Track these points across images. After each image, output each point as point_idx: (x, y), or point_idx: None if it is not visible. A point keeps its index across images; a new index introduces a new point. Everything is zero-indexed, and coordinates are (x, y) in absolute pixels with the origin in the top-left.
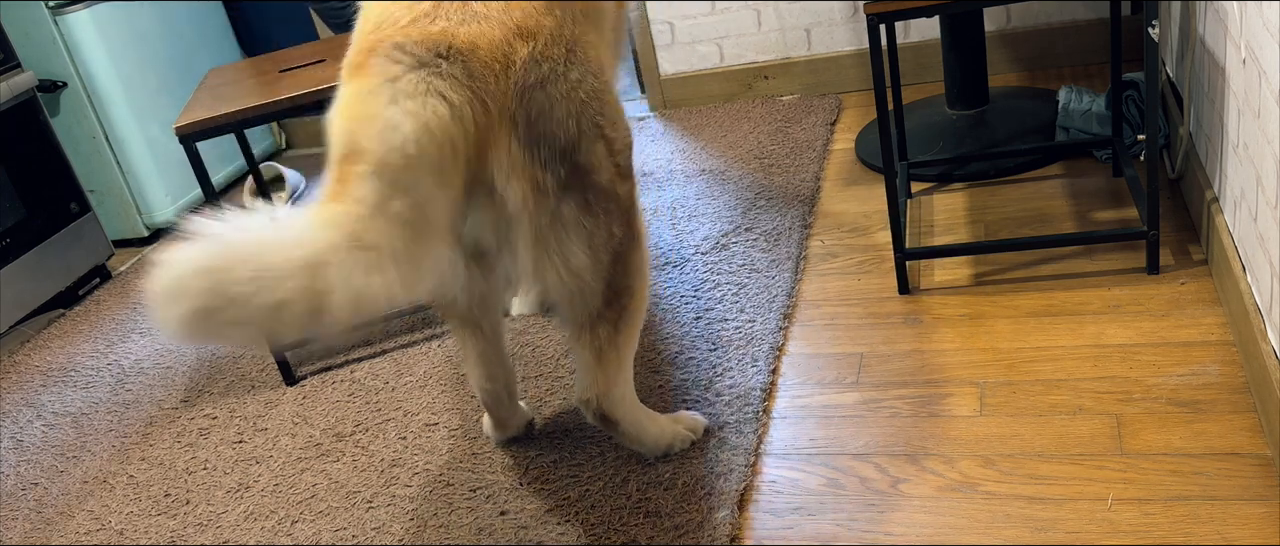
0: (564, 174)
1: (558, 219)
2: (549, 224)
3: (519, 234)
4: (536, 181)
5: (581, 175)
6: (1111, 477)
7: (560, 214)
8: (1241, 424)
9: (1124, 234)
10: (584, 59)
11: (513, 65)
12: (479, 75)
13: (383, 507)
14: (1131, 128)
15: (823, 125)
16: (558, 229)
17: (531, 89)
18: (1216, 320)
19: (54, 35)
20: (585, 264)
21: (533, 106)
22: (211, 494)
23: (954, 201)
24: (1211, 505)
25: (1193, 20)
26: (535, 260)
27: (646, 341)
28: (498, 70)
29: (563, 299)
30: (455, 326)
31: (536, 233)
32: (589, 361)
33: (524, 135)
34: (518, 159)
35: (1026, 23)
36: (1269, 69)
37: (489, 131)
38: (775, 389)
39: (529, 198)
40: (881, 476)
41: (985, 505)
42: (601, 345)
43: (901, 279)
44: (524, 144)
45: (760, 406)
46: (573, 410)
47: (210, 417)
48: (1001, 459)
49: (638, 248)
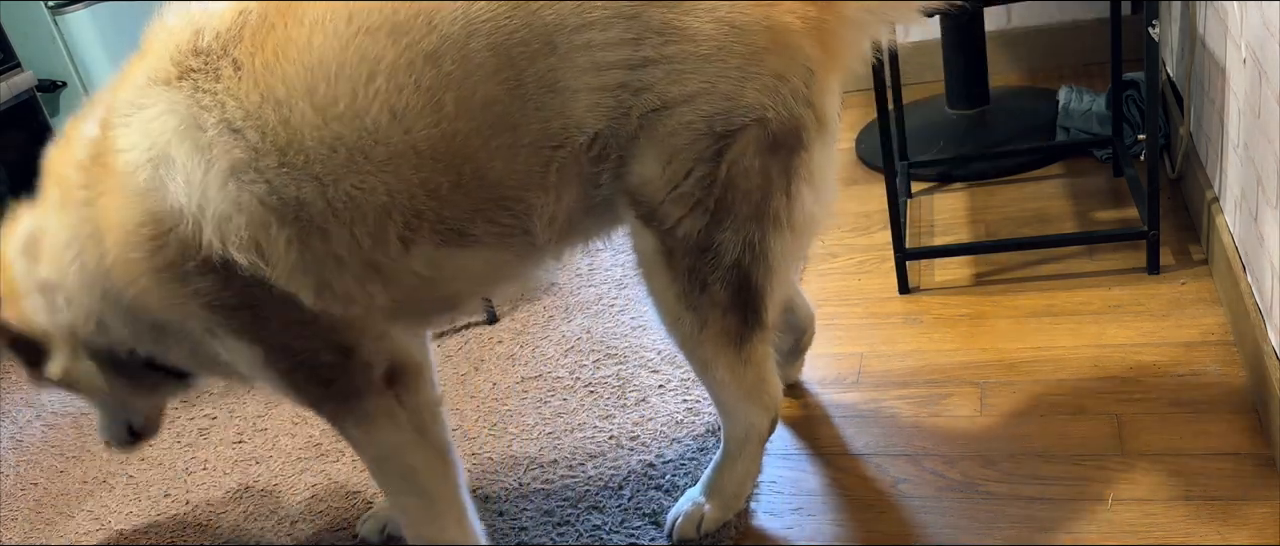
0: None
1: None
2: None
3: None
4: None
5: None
6: (1111, 477)
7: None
8: (1241, 424)
9: (1124, 234)
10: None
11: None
12: None
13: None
14: (1131, 128)
15: None
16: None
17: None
18: (1216, 320)
19: (53, 35)
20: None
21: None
22: (211, 494)
23: (954, 201)
24: (1211, 505)
25: (1193, 20)
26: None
27: (646, 340)
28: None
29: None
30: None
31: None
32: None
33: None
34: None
35: (1026, 23)
36: (1269, 69)
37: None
38: None
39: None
40: (881, 476)
41: (985, 505)
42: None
43: (902, 279)
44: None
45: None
46: (572, 410)
47: (210, 417)
48: (1001, 459)
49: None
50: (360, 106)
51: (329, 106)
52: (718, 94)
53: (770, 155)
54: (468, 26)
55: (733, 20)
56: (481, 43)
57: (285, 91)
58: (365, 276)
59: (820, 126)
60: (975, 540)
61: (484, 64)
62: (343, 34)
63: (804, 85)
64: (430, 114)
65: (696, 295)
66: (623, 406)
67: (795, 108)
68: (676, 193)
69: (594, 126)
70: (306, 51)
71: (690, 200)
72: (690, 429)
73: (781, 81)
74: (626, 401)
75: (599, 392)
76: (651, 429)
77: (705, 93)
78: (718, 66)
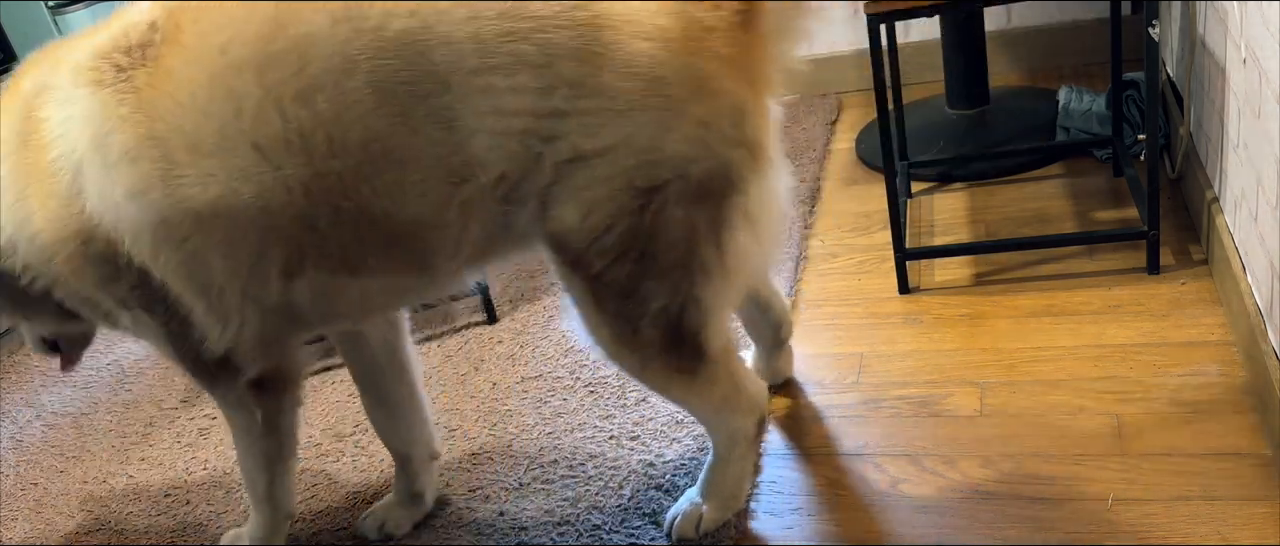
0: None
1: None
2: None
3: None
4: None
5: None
6: (1111, 477)
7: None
8: (1241, 424)
9: (1124, 234)
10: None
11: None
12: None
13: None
14: (1131, 128)
15: (823, 125)
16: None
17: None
18: (1216, 320)
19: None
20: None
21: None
22: (211, 494)
23: (954, 201)
24: (1211, 505)
25: (1193, 20)
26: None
27: None
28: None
29: None
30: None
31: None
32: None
33: None
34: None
35: (1026, 23)
36: (1269, 69)
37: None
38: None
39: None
40: (881, 476)
41: (985, 505)
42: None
43: (902, 279)
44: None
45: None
46: (572, 410)
47: (210, 418)
48: (1001, 459)
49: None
50: (228, 143)
51: (200, 142)
52: (637, 149)
53: (697, 205)
54: (346, 63)
55: (650, 73)
56: (361, 80)
57: (164, 126)
58: (244, 304)
59: (757, 161)
60: (975, 540)
61: (363, 101)
62: (213, 67)
63: (732, 127)
64: (301, 151)
65: (630, 336)
66: (623, 406)
67: (724, 152)
68: (598, 244)
69: (499, 166)
70: (182, 84)
71: (613, 252)
72: (690, 428)
73: (707, 129)
74: (626, 401)
75: (599, 392)
76: (651, 429)
77: (623, 147)
78: (636, 121)
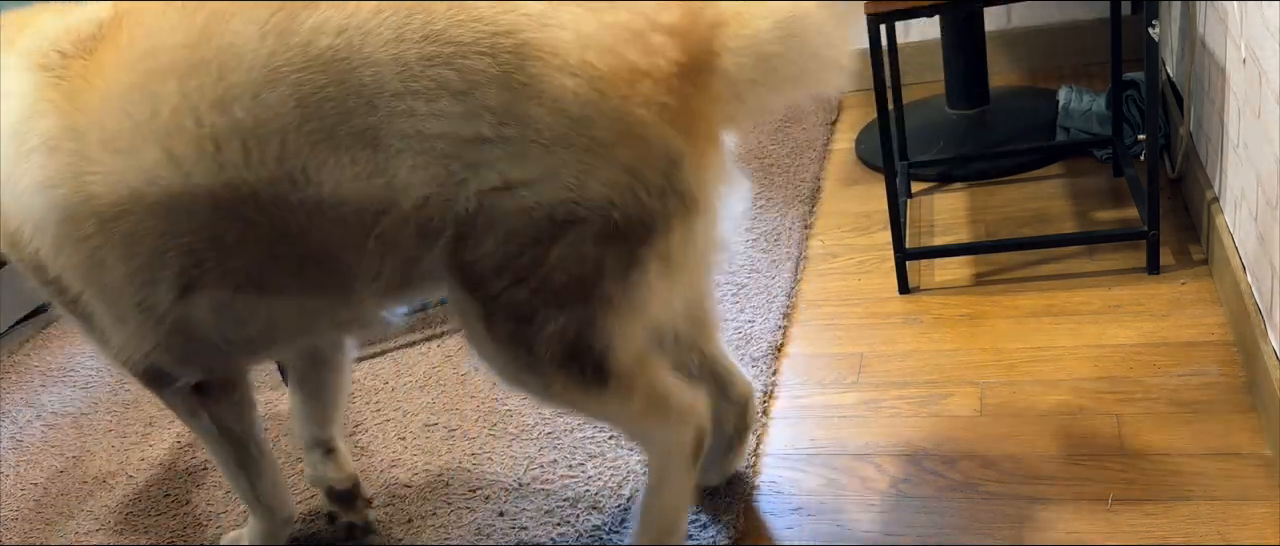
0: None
1: None
2: None
3: None
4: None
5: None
6: (1111, 477)
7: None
8: (1241, 424)
9: (1124, 234)
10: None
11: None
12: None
13: (381, 508)
14: (1131, 128)
15: (822, 125)
16: None
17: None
18: (1216, 320)
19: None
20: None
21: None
22: (211, 494)
23: (954, 201)
24: (1211, 505)
25: (1193, 20)
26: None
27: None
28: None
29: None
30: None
31: None
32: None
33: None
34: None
35: (1026, 23)
36: (1269, 69)
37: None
38: (775, 389)
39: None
40: (881, 476)
41: (985, 505)
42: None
43: (901, 279)
44: None
45: (760, 407)
46: None
47: None
48: (1001, 459)
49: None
50: (140, 144)
51: (115, 140)
52: (560, 183)
53: (607, 245)
54: (269, 75)
55: (575, 112)
56: (284, 93)
57: (85, 120)
58: (139, 314)
59: (689, 210)
60: (975, 540)
61: (284, 115)
62: (139, 68)
63: (661, 177)
64: (212, 160)
65: (527, 357)
66: None
67: (649, 201)
68: (502, 267)
69: (423, 190)
70: (111, 81)
71: (513, 275)
72: None
73: (632, 176)
74: None
75: None
76: None
77: (549, 180)
78: (560, 158)
